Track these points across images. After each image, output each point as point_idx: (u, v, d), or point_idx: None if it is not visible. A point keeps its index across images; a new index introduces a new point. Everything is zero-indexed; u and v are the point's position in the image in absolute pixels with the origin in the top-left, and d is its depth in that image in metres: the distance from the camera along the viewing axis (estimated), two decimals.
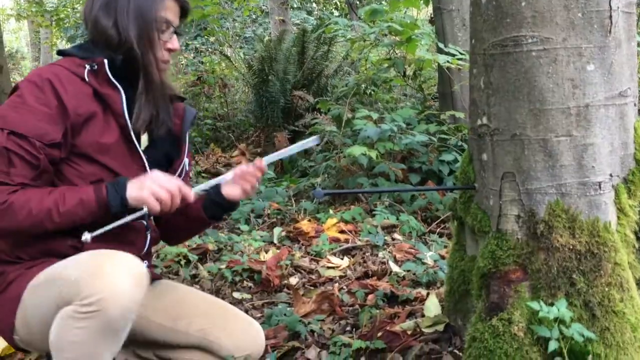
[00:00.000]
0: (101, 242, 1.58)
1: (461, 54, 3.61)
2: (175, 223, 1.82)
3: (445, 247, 2.78)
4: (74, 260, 1.46)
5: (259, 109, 5.67)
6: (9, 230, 1.48)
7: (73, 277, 1.39)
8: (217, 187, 1.71)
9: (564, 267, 1.40)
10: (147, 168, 1.65)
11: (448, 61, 3.44)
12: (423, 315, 1.91)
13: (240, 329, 1.82)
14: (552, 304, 1.37)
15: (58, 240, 1.57)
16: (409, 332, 1.80)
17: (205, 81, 6.63)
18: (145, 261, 1.79)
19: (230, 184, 1.70)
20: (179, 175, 1.78)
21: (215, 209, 1.75)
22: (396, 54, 4.23)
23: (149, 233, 1.74)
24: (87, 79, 1.55)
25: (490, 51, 1.48)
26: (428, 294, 2.10)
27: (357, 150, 3.38)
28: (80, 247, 1.57)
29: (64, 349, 1.41)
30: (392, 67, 4.21)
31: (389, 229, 3.12)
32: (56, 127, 1.49)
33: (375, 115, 3.49)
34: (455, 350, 1.69)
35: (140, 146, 1.64)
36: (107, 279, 1.36)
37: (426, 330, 1.80)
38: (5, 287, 1.56)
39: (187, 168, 1.83)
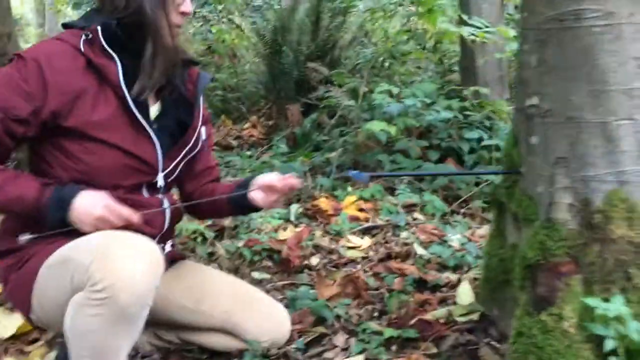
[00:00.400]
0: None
1: (486, 26, 3.46)
2: (203, 209, 1.77)
3: (470, 228, 2.69)
4: (86, 241, 1.39)
5: (270, 80, 5.52)
6: None
7: (84, 260, 1.32)
8: (246, 187, 1.67)
9: (620, 261, 1.31)
10: (155, 139, 1.56)
11: (473, 34, 3.30)
12: (455, 303, 1.84)
13: (266, 312, 1.76)
14: (606, 300, 1.28)
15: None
16: (441, 321, 1.73)
17: (215, 51, 6.46)
18: (168, 241, 1.72)
19: (258, 192, 1.64)
20: (194, 145, 1.68)
21: (240, 209, 1.73)
22: (415, 25, 4.09)
23: (168, 210, 1.66)
24: (82, 50, 1.45)
25: (546, 26, 1.37)
26: (459, 279, 2.02)
27: (376, 126, 3.27)
28: None
29: (79, 337, 1.35)
30: (411, 39, 4.07)
31: (409, 208, 3.03)
32: (27, 105, 1.41)
33: (396, 90, 3.37)
34: (493, 342, 1.61)
35: (148, 116, 1.54)
36: (117, 264, 1.29)
37: (460, 319, 1.73)
38: (25, 261, 1.49)
39: (204, 137, 1.73)
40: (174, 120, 1.62)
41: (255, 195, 1.64)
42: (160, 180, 1.61)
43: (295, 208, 3.04)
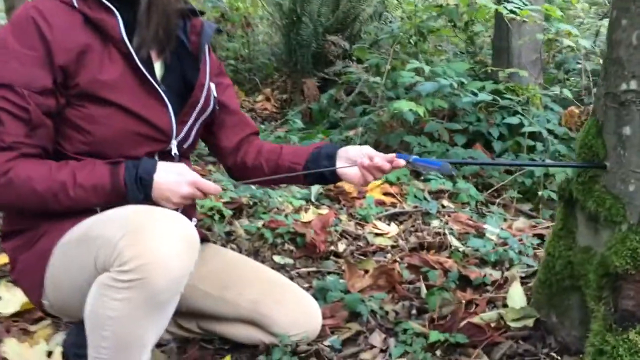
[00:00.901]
0: None
1: (524, 4, 3.24)
2: (254, 169, 1.57)
3: (505, 220, 2.51)
4: (113, 216, 1.22)
5: (286, 52, 5.28)
6: (8, 207, 1.32)
7: (112, 236, 1.15)
8: (332, 161, 1.47)
9: None
10: (166, 101, 1.38)
11: (513, 11, 3.08)
12: (505, 305, 1.67)
13: (296, 303, 1.60)
14: None
15: None
16: (492, 325, 1.56)
17: (228, 19, 6.21)
18: (192, 218, 1.54)
19: (349, 164, 1.44)
20: (205, 104, 1.49)
21: (318, 179, 1.52)
22: (446, 0, 3.85)
23: None
24: (76, 5, 1.28)
25: None
26: (505, 278, 1.85)
27: (404, 105, 3.07)
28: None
29: (101, 324, 1.17)
30: (442, 15, 3.84)
31: (436, 195, 2.85)
32: (45, 71, 1.24)
33: (427, 68, 3.16)
34: (553, 354, 1.44)
35: (154, 76, 1.36)
36: (152, 242, 1.12)
37: (512, 325, 1.56)
38: (36, 241, 1.32)
39: (215, 94, 1.53)
40: (179, 78, 1.45)
41: (350, 171, 1.44)
42: (174, 148, 1.43)
43: (316, 188, 2.85)
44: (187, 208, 1.53)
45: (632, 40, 1.22)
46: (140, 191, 1.27)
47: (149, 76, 1.35)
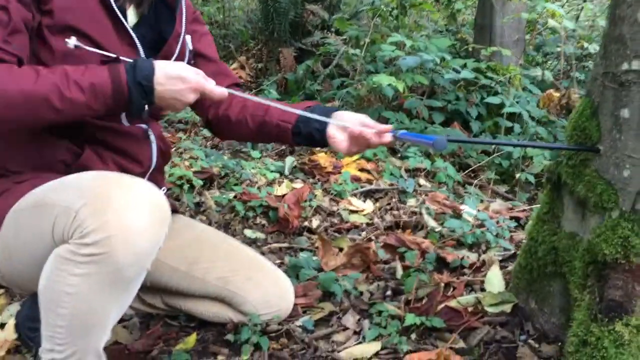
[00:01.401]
0: (93, 155, 1.23)
1: None
2: (237, 124, 1.46)
3: (482, 201, 2.47)
4: (74, 182, 1.11)
5: (263, 19, 5.11)
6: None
7: (72, 204, 1.04)
8: (323, 123, 1.34)
9: None
10: (139, 48, 1.28)
11: None
12: (483, 290, 1.62)
13: (268, 281, 1.52)
14: None
15: (56, 148, 1.23)
16: (469, 310, 1.51)
17: None
18: (161, 186, 1.44)
19: (341, 131, 1.32)
20: (180, 57, 1.38)
21: (307, 141, 1.39)
22: None
23: (154, 142, 1.38)
24: None
25: None
26: (482, 261, 1.80)
27: (384, 80, 2.98)
28: (77, 161, 1.22)
29: (57, 301, 1.07)
30: None
31: (413, 172, 2.79)
32: None
33: (409, 43, 3.07)
34: (531, 341, 1.40)
35: (127, 22, 1.25)
36: (118, 212, 1.02)
37: (490, 310, 1.51)
38: None
39: (191, 47, 1.42)
40: (153, 29, 1.34)
41: (339, 136, 1.32)
42: (123, 118, 1.32)
43: (290, 161, 2.76)
44: (156, 175, 1.43)
45: (637, 17, 1.15)
46: (142, 96, 1.14)
47: (123, 19, 1.24)
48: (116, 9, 1.23)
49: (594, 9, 4.08)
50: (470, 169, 2.83)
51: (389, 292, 1.69)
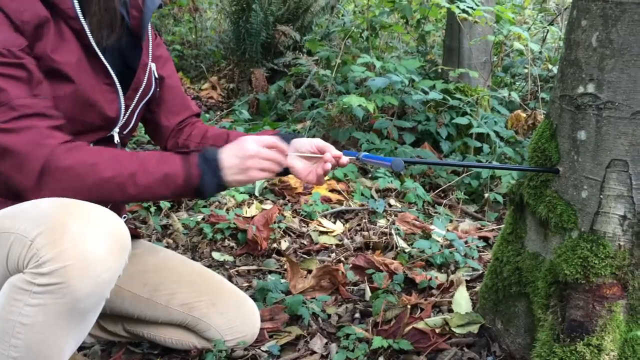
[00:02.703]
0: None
1: (477, 4, 3.22)
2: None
3: (451, 221, 2.49)
4: (30, 209, 1.07)
5: (235, 40, 5.12)
6: (65, 195, 1.10)
7: (27, 232, 1.01)
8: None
9: None
10: (118, 87, 1.27)
11: (466, 11, 3.06)
12: (450, 310, 1.62)
13: (233, 306, 1.50)
14: None
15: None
16: (437, 331, 1.51)
17: (175, 1, 5.98)
18: (123, 216, 1.41)
19: (299, 159, 1.32)
20: (148, 85, 1.37)
21: None
22: None
23: None
24: None
25: None
26: (450, 281, 1.80)
27: (354, 101, 3.00)
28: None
29: (11, 332, 1.03)
30: (394, 12, 3.79)
31: (384, 193, 2.80)
32: (17, 34, 1.10)
33: (378, 64, 3.10)
34: None
35: (106, 62, 1.23)
36: (75, 241, 0.99)
37: (457, 331, 1.51)
38: None
39: (157, 75, 1.41)
40: (120, 58, 1.31)
41: (296, 164, 1.31)
42: (116, 135, 1.31)
43: (260, 182, 2.75)
44: (118, 202, 1.40)
45: (591, 42, 1.18)
46: (213, 175, 1.17)
47: (104, 60, 1.23)
48: (97, 51, 1.21)
49: (560, 32, 4.20)
50: (440, 188, 2.85)
51: (357, 315, 1.68)
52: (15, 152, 1.07)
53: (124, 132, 1.35)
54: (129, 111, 1.33)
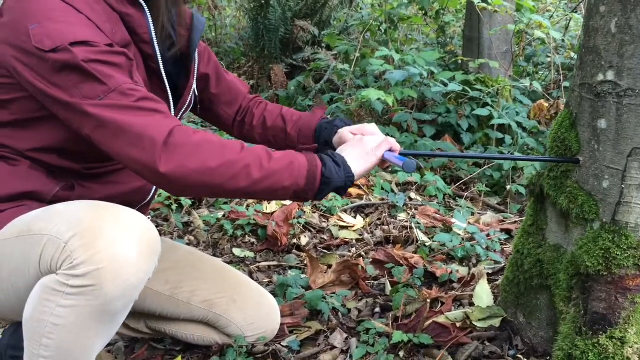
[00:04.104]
0: (95, 185, 1.21)
1: None
2: (263, 143, 1.49)
3: (473, 214, 2.46)
4: (63, 211, 1.08)
5: (254, 36, 5.14)
6: (194, 181, 1.07)
7: (61, 234, 1.01)
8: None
9: None
10: (171, 105, 1.29)
11: (485, 1, 3.02)
12: (471, 304, 1.61)
13: (254, 302, 1.50)
14: None
15: (44, 180, 1.19)
16: (458, 325, 1.49)
17: (195, 0, 6.01)
18: (147, 213, 1.43)
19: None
20: (189, 104, 1.39)
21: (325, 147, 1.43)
22: None
23: None
24: None
25: None
26: (471, 275, 1.79)
27: (373, 94, 2.98)
28: (70, 197, 1.19)
29: (43, 332, 1.04)
30: (413, 3, 3.76)
31: (404, 187, 2.79)
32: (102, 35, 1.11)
33: (397, 57, 3.07)
34: (520, 356, 1.38)
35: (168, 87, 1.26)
36: (109, 245, 1.00)
37: (479, 325, 1.49)
38: None
39: (197, 93, 1.43)
40: (169, 78, 1.30)
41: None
42: None
43: None
44: (148, 201, 1.42)
45: (610, 28, 1.15)
46: (342, 168, 1.15)
47: (166, 83, 1.25)
48: (164, 76, 1.23)
49: (582, 19, 4.13)
50: (461, 181, 2.82)
51: (377, 309, 1.67)
52: (134, 129, 1.05)
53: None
54: None
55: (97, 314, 1.03)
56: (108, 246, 1.00)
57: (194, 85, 1.41)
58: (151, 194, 1.37)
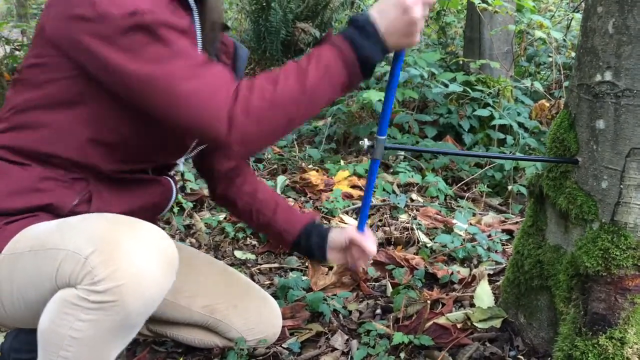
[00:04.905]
0: (113, 197, 1.20)
1: None
2: (242, 213, 1.53)
3: (474, 215, 2.46)
4: (78, 226, 1.06)
5: (255, 39, 5.16)
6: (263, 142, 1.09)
7: (80, 250, 1.01)
8: (322, 240, 1.46)
9: None
10: None
11: (485, 1, 3.02)
12: (472, 305, 1.61)
13: (254, 306, 1.50)
14: None
15: (62, 191, 1.16)
16: (458, 326, 1.50)
17: None
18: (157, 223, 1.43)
19: (337, 250, 1.45)
20: None
21: (304, 252, 1.51)
22: None
23: (174, 191, 1.38)
24: None
25: None
26: (472, 275, 1.79)
27: (374, 96, 2.99)
28: (88, 210, 1.17)
29: (61, 345, 1.04)
30: None
31: (405, 187, 2.79)
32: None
33: None
34: (520, 357, 1.38)
35: None
36: (129, 261, 1.00)
37: (479, 326, 1.49)
38: None
39: None
40: None
41: (334, 255, 1.46)
42: (181, 163, 1.35)
43: (282, 180, 2.76)
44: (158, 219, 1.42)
45: (607, 29, 1.15)
46: (372, 40, 1.04)
47: None
48: None
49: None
50: (462, 182, 2.82)
51: (378, 311, 1.67)
52: (198, 95, 1.03)
53: (187, 160, 1.39)
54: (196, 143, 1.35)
55: (117, 328, 1.03)
56: (128, 262, 0.99)
57: None
58: (166, 209, 1.37)
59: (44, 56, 1.12)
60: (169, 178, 1.35)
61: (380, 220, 2.41)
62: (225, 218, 2.29)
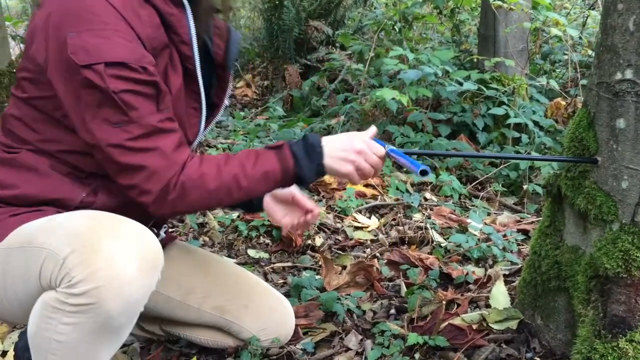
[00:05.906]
0: (113, 197, 1.20)
1: None
2: None
3: (489, 214, 2.44)
4: (62, 225, 1.06)
5: (268, 37, 5.15)
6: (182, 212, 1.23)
7: (59, 250, 1.01)
8: None
9: None
10: (204, 113, 1.29)
11: None
12: (488, 306, 1.59)
13: (267, 308, 1.49)
14: None
15: (71, 186, 1.17)
16: (474, 327, 1.48)
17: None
18: (164, 226, 1.43)
19: (274, 201, 1.44)
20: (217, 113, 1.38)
21: (245, 206, 1.51)
22: None
23: None
24: None
25: None
26: (489, 277, 1.77)
27: (387, 94, 2.97)
28: (93, 203, 1.18)
29: (48, 348, 1.05)
30: (427, 2, 3.74)
31: (419, 187, 2.77)
32: (146, 52, 1.10)
33: (411, 56, 3.06)
34: (537, 359, 1.37)
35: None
36: (106, 262, 0.99)
37: (495, 327, 1.48)
38: None
39: (227, 103, 1.42)
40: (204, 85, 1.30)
41: (276, 211, 1.44)
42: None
43: None
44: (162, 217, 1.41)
45: (628, 26, 1.13)
46: (313, 164, 1.19)
47: (201, 86, 1.24)
48: (200, 78, 1.23)
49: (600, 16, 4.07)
50: (477, 181, 2.80)
51: (392, 311, 1.66)
52: (145, 168, 1.10)
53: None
54: (197, 137, 1.34)
55: (100, 330, 1.02)
56: (106, 263, 0.99)
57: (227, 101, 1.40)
58: None
59: (30, 71, 1.14)
60: None
61: (394, 220, 2.40)
62: (238, 216, 2.29)
